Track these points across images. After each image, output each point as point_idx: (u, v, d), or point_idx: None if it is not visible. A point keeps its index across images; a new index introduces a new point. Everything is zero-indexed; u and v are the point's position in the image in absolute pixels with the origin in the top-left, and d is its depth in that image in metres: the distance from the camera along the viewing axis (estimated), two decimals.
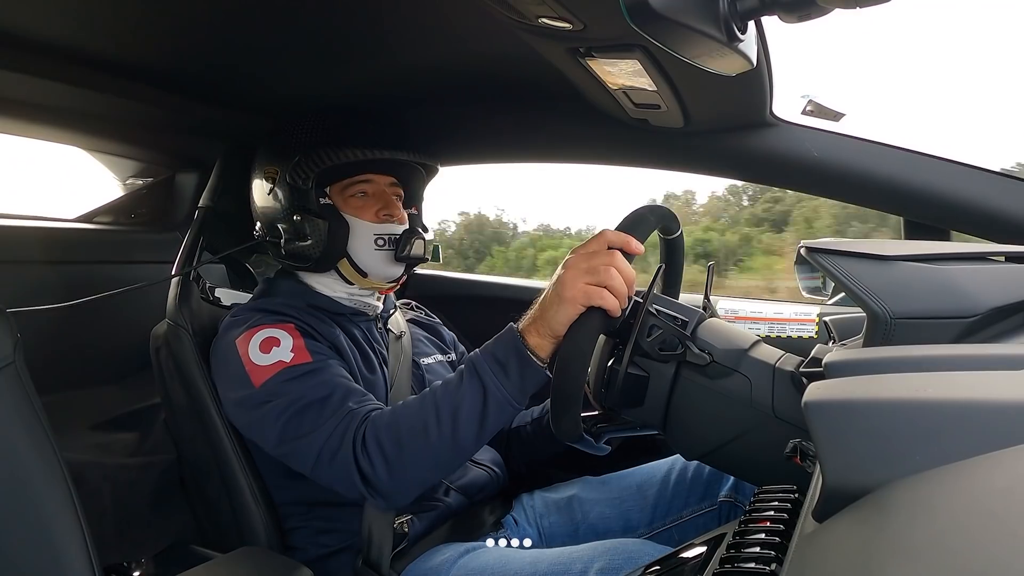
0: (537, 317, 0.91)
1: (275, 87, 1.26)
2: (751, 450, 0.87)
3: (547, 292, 0.90)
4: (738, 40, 0.69)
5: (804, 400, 0.45)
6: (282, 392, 1.00)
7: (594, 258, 0.86)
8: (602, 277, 0.84)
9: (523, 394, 0.93)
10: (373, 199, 1.17)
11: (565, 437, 0.88)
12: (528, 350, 0.91)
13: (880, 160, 1.12)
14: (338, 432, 0.96)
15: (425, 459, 0.94)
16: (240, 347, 1.05)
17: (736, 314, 1.50)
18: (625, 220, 0.91)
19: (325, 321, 1.13)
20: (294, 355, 1.02)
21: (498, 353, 0.93)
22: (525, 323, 0.93)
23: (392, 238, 1.16)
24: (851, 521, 0.38)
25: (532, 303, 0.94)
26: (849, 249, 0.75)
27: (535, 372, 0.91)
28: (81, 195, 1.72)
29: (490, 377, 0.92)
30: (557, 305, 0.87)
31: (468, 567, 1.02)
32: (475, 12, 0.76)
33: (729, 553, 0.58)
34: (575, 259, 0.87)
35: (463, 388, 0.93)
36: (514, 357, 0.91)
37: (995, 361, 0.53)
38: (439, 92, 1.28)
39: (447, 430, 0.92)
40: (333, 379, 1.02)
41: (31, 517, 0.75)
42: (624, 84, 0.95)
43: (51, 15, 0.95)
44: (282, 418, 0.99)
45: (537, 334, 0.91)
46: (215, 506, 1.18)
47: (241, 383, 1.03)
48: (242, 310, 1.13)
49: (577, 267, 0.86)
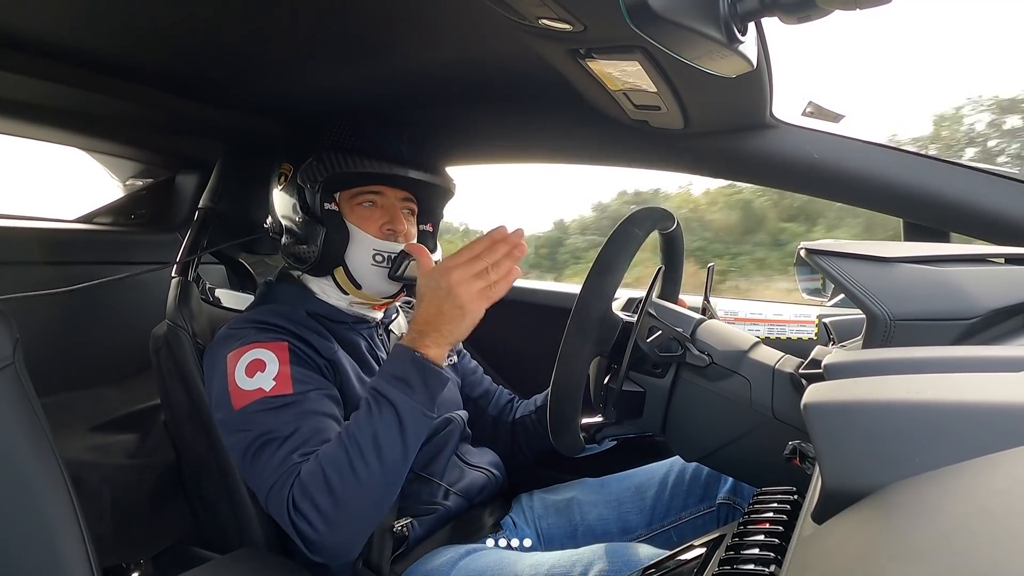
0: (432, 332, 0.95)
1: (275, 88, 1.26)
2: (750, 452, 0.87)
3: (436, 306, 0.95)
4: (738, 42, 0.70)
5: (803, 402, 0.45)
6: (254, 423, 0.99)
7: (478, 261, 0.94)
8: (491, 276, 0.94)
9: (432, 402, 0.96)
10: (381, 211, 1.16)
11: (567, 452, 0.89)
12: (426, 360, 0.95)
13: (880, 161, 1.12)
14: (277, 486, 0.94)
15: (359, 499, 0.91)
16: (229, 364, 1.04)
17: (735, 315, 1.50)
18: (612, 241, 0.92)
19: (323, 333, 1.12)
20: (275, 384, 1.01)
21: (396, 371, 0.95)
22: (413, 340, 0.96)
23: (390, 256, 1.14)
24: (850, 523, 0.38)
25: (412, 321, 0.98)
26: (848, 251, 0.75)
27: (437, 378, 0.96)
28: (81, 196, 1.73)
29: (396, 395, 0.93)
30: (460, 319, 0.94)
31: (468, 569, 1.02)
32: (475, 13, 0.76)
33: (728, 555, 0.58)
34: (461, 273, 0.94)
35: (374, 415, 0.93)
36: (413, 370, 0.94)
37: (995, 363, 0.53)
38: (439, 93, 1.28)
39: (373, 461, 0.91)
40: (303, 417, 0.99)
41: (30, 518, 0.75)
42: (624, 85, 0.95)
43: (51, 16, 0.95)
44: (248, 451, 0.99)
45: (436, 346, 0.96)
46: (215, 507, 1.18)
47: (223, 401, 1.03)
48: (240, 321, 1.11)
49: (466, 279, 0.93)
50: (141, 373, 1.43)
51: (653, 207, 0.98)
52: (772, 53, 0.95)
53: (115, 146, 1.62)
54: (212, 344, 1.11)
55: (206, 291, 1.27)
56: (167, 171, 1.70)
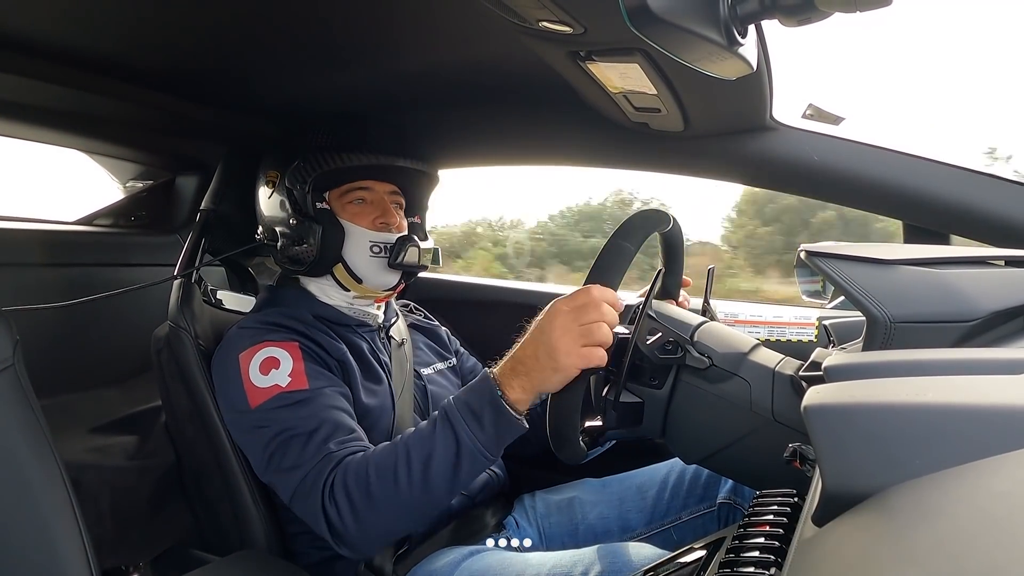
0: (522, 374, 0.88)
1: (275, 90, 1.26)
2: (750, 454, 0.87)
3: (533, 348, 0.87)
4: (738, 44, 0.70)
5: (803, 404, 0.44)
6: (273, 420, 1.00)
7: (584, 315, 0.83)
8: (595, 336, 0.83)
9: (498, 447, 0.91)
10: (371, 206, 1.18)
11: (569, 462, 0.89)
12: (506, 403, 0.88)
13: (880, 164, 1.12)
14: (312, 475, 0.95)
15: (394, 508, 0.91)
16: (243, 363, 1.05)
17: (735, 318, 1.50)
18: (603, 258, 0.88)
19: (330, 335, 1.13)
20: (291, 380, 1.02)
21: (472, 403, 0.90)
22: (504, 374, 0.90)
23: (387, 245, 1.16)
24: (851, 526, 0.38)
25: (512, 351, 0.90)
26: (848, 253, 0.75)
27: (512, 425, 0.89)
28: (81, 198, 1.73)
29: (463, 428, 0.89)
30: (552, 372, 0.84)
31: (471, 570, 1.02)
32: (476, 15, 0.76)
33: (728, 557, 0.58)
34: (566, 320, 0.84)
35: (435, 438, 0.91)
36: (489, 409, 0.89)
37: (995, 365, 0.53)
38: (441, 94, 1.28)
39: (417, 480, 0.90)
40: (324, 411, 1.00)
41: (29, 520, 0.75)
42: (624, 88, 0.95)
43: (51, 18, 0.95)
44: (269, 447, 0.99)
45: (521, 390, 0.88)
46: (216, 509, 1.18)
47: (239, 400, 1.04)
48: (249, 322, 1.12)
49: (570, 330, 0.83)
50: (141, 374, 1.42)
51: (644, 213, 0.93)
52: (772, 55, 0.95)
53: (116, 148, 1.62)
54: (221, 345, 1.12)
55: (208, 293, 1.27)
56: (167, 173, 1.70)
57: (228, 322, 1.25)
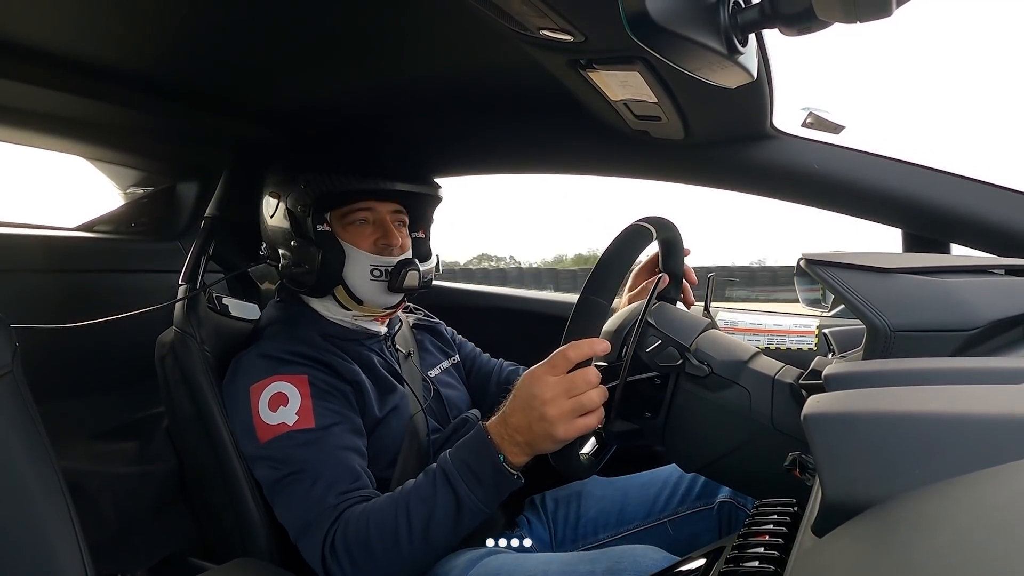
0: (520, 443, 0.89)
1: (276, 96, 1.27)
2: (750, 462, 0.87)
3: (526, 419, 0.87)
4: (739, 53, 0.70)
5: (803, 413, 0.44)
6: (280, 458, 1.03)
7: (572, 387, 0.84)
8: (587, 406, 0.84)
9: (498, 500, 0.94)
10: (373, 227, 1.18)
11: (575, 478, 0.90)
12: (505, 463, 0.91)
13: (880, 172, 1.13)
14: (315, 525, 0.97)
15: (396, 564, 0.94)
16: (253, 397, 1.07)
17: (735, 326, 1.50)
18: (575, 321, 0.86)
19: (342, 356, 1.14)
20: (298, 418, 1.04)
21: (472, 463, 0.92)
22: (502, 439, 0.91)
23: (387, 269, 1.16)
24: (851, 536, 0.37)
25: (502, 412, 0.91)
26: (849, 261, 0.75)
27: (512, 482, 0.92)
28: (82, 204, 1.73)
29: (463, 487, 0.92)
30: (551, 442, 0.86)
31: (481, 572, 1.02)
32: (477, 23, 0.77)
33: (727, 567, 0.58)
34: (555, 394, 0.84)
35: (436, 497, 0.93)
36: (489, 469, 0.91)
37: (995, 374, 0.53)
38: (442, 102, 1.29)
39: (419, 538, 0.92)
40: (329, 454, 1.02)
41: (26, 528, 0.75)
42: (625, 96, 0.96)
43: (53, 24, 0.95)
44: (278, 484, 1.03)
45: (521, 454, 0.90)
46: (218, 515, 1.17)
47: (249, 432, 1.07)
48: (262, 349, 1.13)
49: (561, 405, 0.84)
50: (142, 381, 1.42)
51: (636, 227, 0.91)
52: (773, 64, 0.96)
53: (117, 154, 1.62)
54: (233, 374, 1.13)
55: (213, 300, 1.27)
56: (168, 179, 1.71)
57: (231, 327, 1.25)
